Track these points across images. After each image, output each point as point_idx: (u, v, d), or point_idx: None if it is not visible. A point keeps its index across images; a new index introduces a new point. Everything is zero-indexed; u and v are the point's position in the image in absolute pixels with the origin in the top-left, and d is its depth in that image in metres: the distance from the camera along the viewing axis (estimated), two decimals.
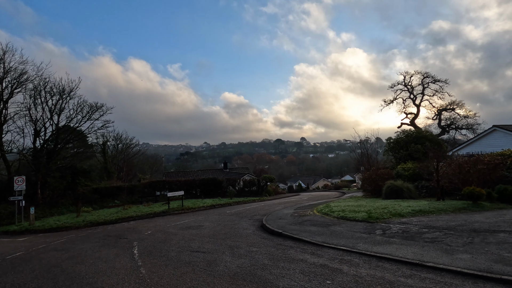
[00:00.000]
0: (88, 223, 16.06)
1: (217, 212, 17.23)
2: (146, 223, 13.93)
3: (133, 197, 27.97)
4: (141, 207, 21.49)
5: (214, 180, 31.16)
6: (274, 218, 11.03)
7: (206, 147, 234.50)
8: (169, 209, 18.66)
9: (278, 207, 18.19)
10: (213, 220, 12.88)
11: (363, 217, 8.53)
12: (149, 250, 7.34)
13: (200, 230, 10.17)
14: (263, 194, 31.67)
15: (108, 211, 21.01)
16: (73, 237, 11.63)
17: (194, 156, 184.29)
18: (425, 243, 5.64)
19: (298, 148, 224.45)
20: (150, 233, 10.38)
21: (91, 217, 17.70)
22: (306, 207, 15.23)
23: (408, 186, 15.31)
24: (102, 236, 10.75)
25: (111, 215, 18.15)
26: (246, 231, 9.31)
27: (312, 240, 6.73)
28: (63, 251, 8.43)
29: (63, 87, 26.00)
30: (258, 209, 17.13)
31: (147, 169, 60.13)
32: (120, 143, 48.89)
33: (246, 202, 24.56)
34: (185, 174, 39.51)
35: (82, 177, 29.17)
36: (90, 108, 27.52)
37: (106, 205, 25.58)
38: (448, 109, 37.55)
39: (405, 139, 20.42)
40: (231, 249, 6.76)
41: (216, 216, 14.82)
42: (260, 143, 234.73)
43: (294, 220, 9.99)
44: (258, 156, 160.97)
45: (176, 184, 30.88)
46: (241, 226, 10.39)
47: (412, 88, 39.27)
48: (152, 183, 30.73)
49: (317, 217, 10.09)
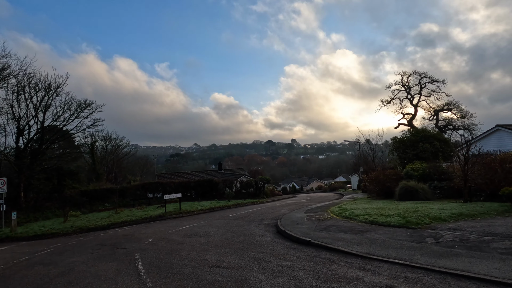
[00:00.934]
0: (77, 229, 14.60)
1: (218, 215, 16.02)
2: (143, 229, 12.62)
3: (125, 200, 26.42)
4: (134, 211, 20.06)
5: (210, 182, 29.87)
6: (290, 223, 9.94)
7: (196, 149, 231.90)
8: (166, 213, 17.33)
9: (284, 209, 17.13)
10: (219, 225, 11.69)
11: (398, 222, 7.54)
12: (156, 264, 6.12)
13: (208, 237, 8.98)
14: (261, 196, 30.56)
15: (98, 215, 19.50)
16: (61, 246, 10.24)
17: (184, 158, 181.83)
18: (502, 255, 4.66)
19: (289, 149, 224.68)
20: (151, 241, 9.12)
21: (80, 222, 16.21)
22: (316, 210, 14.21)
23: (423, 187, 14.48)
24: (96, 245, 9.42)
25: (103, 219, 16.70)
26: (263, 238, 8.19)
27: (353, 251, 5.67)
28: (50, 265, 7.12)
29: (49, 83, 24.31)
30: (262, 212, 16.01)
31: (137, 171, 58.20)
32: (109, 144, 46.97)
33: (245, 204, 23.41)
34: (179, 175, 38.03)
35: (69, 179, 27.41)
36: (78, 105, 25.88)
37: (95, 209, 23.97)
38: (445, 109, 37.41)
39: (413, 138, 19.69)
40: (258, 263, 5.63)
41: (220, 220, 13.62)
42: (251, 144, 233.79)
43: (314, 225, 8.92)
44: (249, 157, 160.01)
45: (170, 186, 29.44)
46: (255, 233, 9.25)
47: (409, 88, 38.98)
48: (145, 185, 29.20)
49: (340, 221, 9.06)
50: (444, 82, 36.19)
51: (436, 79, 36.54)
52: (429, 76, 37.41)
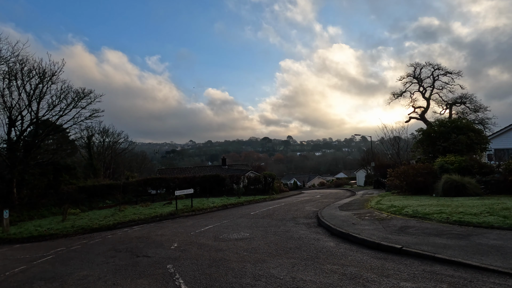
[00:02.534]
0: (79, 229, 12.80)
1: (237, 213, 14.33)
2: (158, 230, 10.88)
3: (126, 197, 24.60)
4: (139, 208, 18.28)
5: (216, 177, 28.15)
6: (340, 222, 8.29)
7: (192, 145, 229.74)
8: (177, 211, 15.59)
9: (308, 206, 15.50)
10: (248, 226, 10.00)
11: (504, 222, 5.95)
12: (207, 284, 4.41)
13: (249, 242, 7.29)
14: (270, 192, 28.94)
15: (100, 213, 17.69)
16: (64, 251, 8.46)
17: (180, 154, 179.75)
18: None
19: (285, 146, 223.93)
20: (178, 246, 7.40)
21: (81, 221, 14.39)
22: (351, 206, 12.58)
23: (470, 181, 12.96)
24: (107, 251, 7.67)
25: (106, 218, 14.90)
26: (323, 243, 6.53)
27: (491, 266, 4.03)
28: (55, 281, 5.37)
29: (43, 70, 22.24)
30: (286, 210, 14.35)
31: (135, 167, 56.16)
32: (106, 138, 44.83)
33: (258, 201, 21.77)
34: (181, 171, 36.21)
35: (66, 174, 25.44)
36: (76, 95, 23.81)
37: (95, 206, 22.12)
38: (459, 102, 36.07)
39: (444, 129, 18.17)
40: (357, 283, 3.97)
41: (244, 219, 11.94)
42: (247, 141, 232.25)
43: (381, 226, 7.29)
44: (245, 154, 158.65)
45: (174, 181, 27.68)
46: (304, 235, 7.59)
47: (421, 80, 37.55)
48: (147, 180, 27.36)
49: (410, 221, 7.43)
50: (459, 74, 34.81)
51: (451, 71, 35.13)
52: (443, 68, 36.01)
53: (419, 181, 17.11)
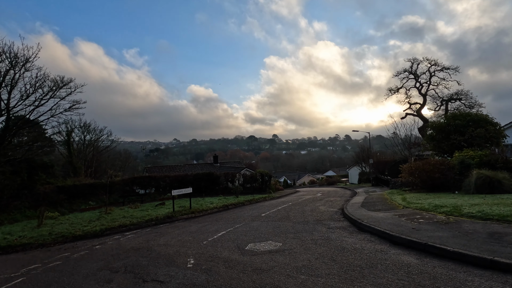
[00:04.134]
0: (59, 236, 10.64)
1: (244, 215, 12.56)
2: (158, 237, 8.95)
3: (112, 197, 22.28)
4: (128, 210, 16.15)
5: (210, 176, 26.21)
6: (395, 228, 6.71)
7: (176, 144, 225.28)
8: (175, 213, 13.62)
9: (321, 206, 13.93)
10: (270, 231, 8.27)
11: None
12: None
13: (293, 256, 5.56)
14: (267, 191, 27.33)
15: (83, 216, 15.44)
16: (39, 271, 6.42)
17: (164, 153, 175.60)
18: None
19: (271, 145, 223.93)
20: (196, 263, 5.56)
21: (61, 227, 12.18)
22: (374, 205, 11.09)
23: (505, 176, 11.79)
24: (99, 271, 5.74)
25: (91, 223, 12.75)
26: (397, 257, 4.90)
27: None
28: None
29: (15, 54, 19.55)
30: (299, 210, 12.71)
31: (119, 166, 53.08)
32: (87, 134, 41.75)
33: (258, 201, 20.08)
34: (171, 169, 33.95)
35: (42, 173, 22.76)
36: (53, 83, 21.21)
37: (76, 208, 19.73)
38: (454, 98, 35.70)
39: (460, 123, 17.09)
40: None
41: (259, 223, 10.19)
42: (232, 139, 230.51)
43: (455, 232, 5.74)
44: (231, 152, 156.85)
45: (165, 180, 25.57)
46: (357, 245, 5.94)
47: (417, 76, 36.95)
48: (135, 179, 25.06)
49: (494, 226, 5.94)
50: (457, 70, 34.35)
51: (448, 67, 34.64)
52: (439, 63, 35.50)
53: (435, 178, 15.97)
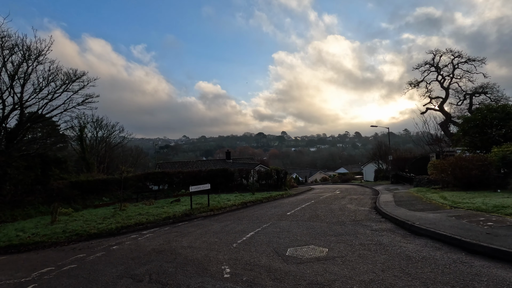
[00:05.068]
0: (73, 235, 10.00)
1: (267, 214, 11.70)
2: (180, 237, 8.18)
3: (125, 193, 21.78)
4: (143, 207, 15.50)
5: (224, 172, 25.47)
6: (464, 232, 5.73)
7: (185, 141, 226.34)
8: (193, 210, 12.87)
9: (348, 204, 12.94)
10: (305, 232, 7.39)
11: None
12: None
13: (350, 266, 4.67)
14: (283, 188, 26.43)
15: (97, 212, 14.85)
16: (53, 276, 5.68)
17: (174, 150, 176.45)
18: None
19: (280, 142, 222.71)
20: (234, 272, 4.73)
21: (75, 224, 11.57)
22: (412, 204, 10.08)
23: None
24: (120, 279, 4.96)
25: (106, 220, 12.10)
26: (489, 271, 3.97)
27: None
28: None
29: (28, 46, 19.11)
30: (327, 209, 11.77)
31: (130, 162, 53.05)
32: (100, 130, 41.60)
33: (276, 198, 19.22)
34: (183, 165, 33.37)
35: (56, 168, 22.38)
36: (66, 77, 20.76)
37: (90, 204, 19.26)
38: (479, 92, 33.88)
39: (498, 115, 15.82)
40: None
41: (287, 222, 9.31)
42: (241, 136, 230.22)
43: None
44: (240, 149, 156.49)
45: (178, 176, 24.95)
46: (425, 254, 4.99)
47: (440, 69, 35.25)
48: (148, 175, 24.50)
49: None
50: (483, 61, 32.49)
51: (474, 58, 32.82)
52: (463, 55, 33.70)
53: (472, 175, 14.82)
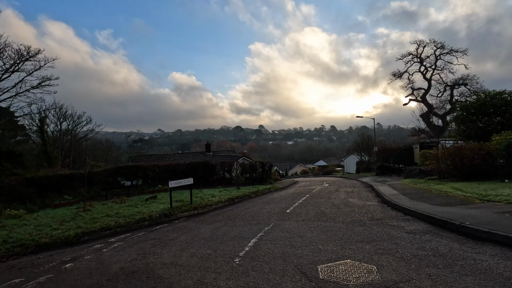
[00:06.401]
0: (17, 246, 7.67)
1: (262, 212, 9.96)
2: (159, 249, 6.22)
3: (92, 190, 19.19)
4: (113, 206, 13.22)
5: (205, 165, 23.45)
6: None
7: (161, 134, 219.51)
8: (173, 209, 10.84)
9: (353, 199, 11.48)
10: (324, 238, 5.71)
11: None
12: None
13: None
14: (268, 181, 24.88)
15: (56, 214, 12.39)
16: None
17: (148, 144, 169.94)
18: None
19: (258, 135, 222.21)
20: None
21: (22, 231, 9.15)
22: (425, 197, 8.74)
23: None
24: None
25: (64, 224, 9.80)
26: None
27: None
28: None
29: None
30: (330, 205, 10.23)
31: (100, 156, 49.14)
32: (64, 121, 37.65)
33: (264, 192, 17.59)
34: (159, 158, 30.80)
35: (7, 163, 19.27)
36: (17, 55, 17.68)
37: (50, 203, 16.55)
38: (460, 84, 34.01)
39: (498, 102, 15.02)
40: None
41: (295, 223, 7.62)
42: (219, 130, 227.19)
43: None
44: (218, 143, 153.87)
45: (154, 170, 22.57)
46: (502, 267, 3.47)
47: (423, 60, 34.96)
48: (119, 169, 21.89)
49: None
50: (465, 52, 32.46)
51: (456, 49, 32.71)
52: (446, 46, 33.53)
53: (474, 164, 13.95)
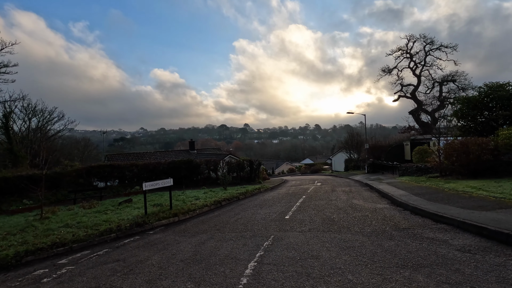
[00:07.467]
0: None
1: (257, 219, 8.33)
2: (121, 279, 4.47)
3: (59, 193, 17.00)
4: (78, 212, 11.24)
5: (189, 163, 21.56)
6: None
7: (143, 133, 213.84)
8: (148, 217, 9.02)
9: (357, 200, 10.03)
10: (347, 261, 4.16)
11: None
12: None
13: None
14: (257, 180, 23.34)
15: (6, 222, 10.28)
16: None
17: (130, 142, 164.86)
18: None
19: (243, 134, 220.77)
20: None
21: None
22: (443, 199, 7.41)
23: None
24: None
25: (7, 238, 7.79)
26: None
27: None
28: None
29: None
30: (335, 208, 8.72)
31: (76, 155, 45.98)
32: (34, 117, 34.56)
33: (254, 193, 15.99)
34: (138, 156, 28.57)
35: None
36: None
37: (6, 209, 14.27)
38: (449, 80, 33.59)
39: (503, 94, 14.05)
40: None
41: (302, 236, 6.03)
42: (203, 128, 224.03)
43: None
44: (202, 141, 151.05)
45: (131, 169, 20.52)
46: None
47: (412, 55, 34.31)
48: (92, 169, 19.66)
49: None
50: (455, 48, 31.96)
51: (446, 45, 32.17)
52: (436, 42, 32.97)
53: (481, 161, 12.90)
